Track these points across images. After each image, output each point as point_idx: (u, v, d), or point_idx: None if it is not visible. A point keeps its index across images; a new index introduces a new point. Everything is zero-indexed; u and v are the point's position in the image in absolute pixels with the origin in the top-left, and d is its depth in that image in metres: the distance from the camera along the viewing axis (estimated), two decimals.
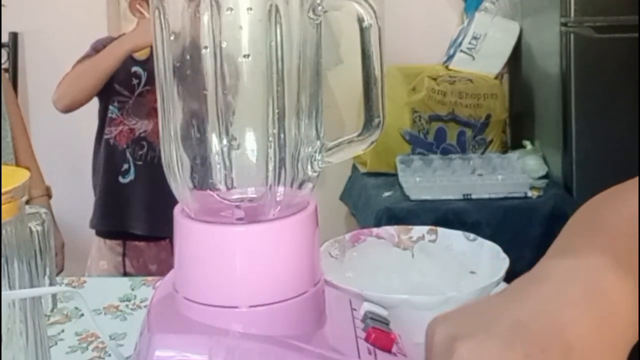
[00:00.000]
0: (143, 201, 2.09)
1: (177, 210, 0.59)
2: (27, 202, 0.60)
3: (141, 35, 2.02)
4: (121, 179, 2.10)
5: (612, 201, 0.54)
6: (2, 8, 2.15)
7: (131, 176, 2.10)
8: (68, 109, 2.07)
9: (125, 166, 2.10)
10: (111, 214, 2.13)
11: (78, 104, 2.07)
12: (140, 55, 2.10)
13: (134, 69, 2.08)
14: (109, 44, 2.10)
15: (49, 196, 1.92)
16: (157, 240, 2.13)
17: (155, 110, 2.08)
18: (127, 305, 0.96)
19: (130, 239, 2.14)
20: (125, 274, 2.10)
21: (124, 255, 2.15)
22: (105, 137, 2.11)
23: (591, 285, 0.44)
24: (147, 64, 2.06)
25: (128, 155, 2.09)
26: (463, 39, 2.71)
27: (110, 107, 2.09)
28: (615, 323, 0.44)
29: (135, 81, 2.08)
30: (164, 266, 2.10)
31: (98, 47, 2.10)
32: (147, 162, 2.09)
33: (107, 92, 2.09)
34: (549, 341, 0.42)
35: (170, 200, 0.60)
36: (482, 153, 2.57)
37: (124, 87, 2.08)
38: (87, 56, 2.09)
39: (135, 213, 2.11)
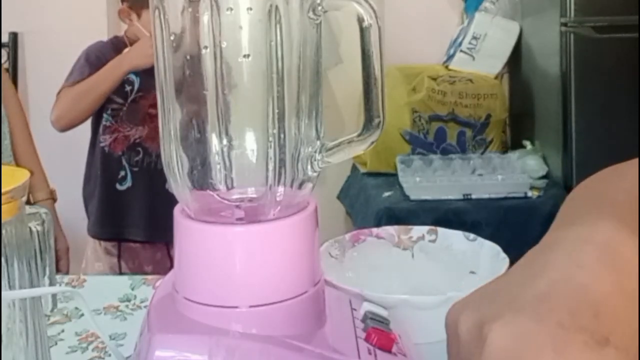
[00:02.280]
0: (141, 207, 2.09)
1: (177, 210, 0.59)
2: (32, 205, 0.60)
3: (140, 56, 2.01)
4: (118, 186, 2.10)
5: (609, 177, 0.55)
6: (2, 8, 2.15)
7: (128, 183, 2.10)
8: (66, 129, 2.10)
9: (122, 173, 2.10)
10: (110, 222, 2.13)
11: (76, 124, 2.09)
12: None
13: (127, 75, 2.07)
14: (101, 52, 2.10)
15: (54, 200, 1.92)
16: (152, 242, 2.13)
17: (150, 115, 2.11)
18: (127, 305, 0.96)
19: (126, 240, 2.14)
20: (121, 275, 2.11)
21: (119, 256, 2.15)
22: (100, 145, 2.10)
23: (604, 247, 0.45)
24: (140, 70, 2.06)
25: (124, 162, 2.09)
26: (463, 39, 2.71)
27: (104, 115, 2.09)
28: (634, 279, 0.44)
29: (128, 88, 2.08)
30: (160, 267, 2.10)
31: (90, 58, 2.09)
32: (144, 168, 2.09)
33: None
34: (575, 305, 0.42)
35: (169, 205, 0.60)
36: (482, 153, 2.58)
37: (117, 95, 2.07)
38: (79, 68, 2.08)
39: (134, 220, 2.11)
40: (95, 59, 2.09)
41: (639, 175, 0.51)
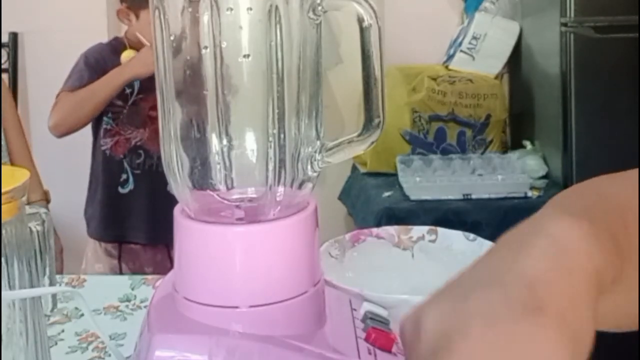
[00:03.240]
0: (143, 210, 2.09)
1: (177, 210, 0.59)
2: None
3: (142, 65, 2.00)
4: (120, 189, 2.10)
5: (592, 186, 0.54)
6: (2, 8, 2.15)
7: (130, 186, 2.10)
8: (64, 135, 2.09)
9: (124, 176, 2.10)
10: (112, 225, 2.13)
11: (74, 130, 2.09)
12: None
13: (128, 83, 2.06)
14: (100, 55, 2.10)
15: (47, 201, 1.92)
16: (153, 244, 2.13)
17: (150, 117, 2.10)
18: (127, 305, 0.96)
19: (126, 242, 2.14)
20: (121, 275, 2.11)
21: (119, 258, 2.15)
22: (102, 148, 2.10)
23: (553, 240, 0.45)
24: (141, 78, 2.05)
25: (125, 165, 2.09)
26: (463, 39, 2.71)
27: (105, 119, 2.09)
28: (573, 270, 0.43)
29: (128, 90, 2.07)
30: (161, 269, 2.10)
31: (89, 62, 2.09)
32: (145, 170, 2.09)
33: None
34: (508, 280, 0.42)
35: (170, 208, 0.60)
36: (482, 153, 2.57)
37: (117, 98, 2.06)
38: (78, 72, 2.08)
39: (136, 222, 2.11)
40: (94, 62, 2.08)
41: (639, 179, 0.51)
